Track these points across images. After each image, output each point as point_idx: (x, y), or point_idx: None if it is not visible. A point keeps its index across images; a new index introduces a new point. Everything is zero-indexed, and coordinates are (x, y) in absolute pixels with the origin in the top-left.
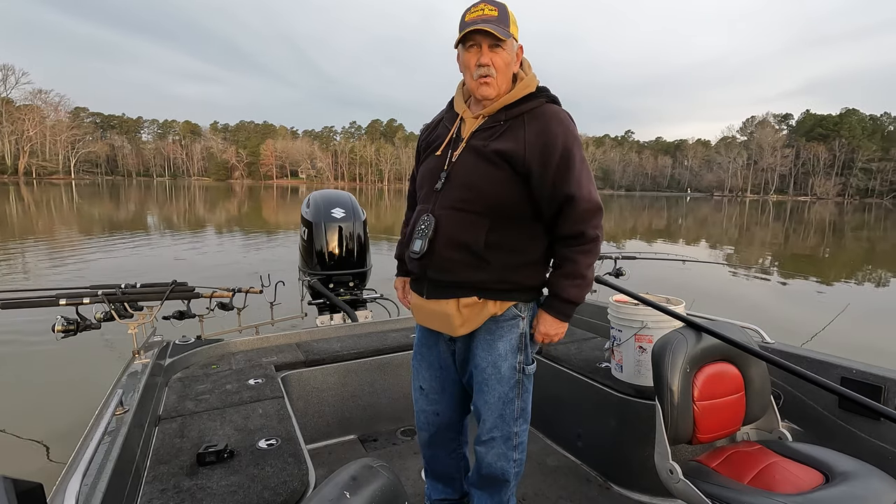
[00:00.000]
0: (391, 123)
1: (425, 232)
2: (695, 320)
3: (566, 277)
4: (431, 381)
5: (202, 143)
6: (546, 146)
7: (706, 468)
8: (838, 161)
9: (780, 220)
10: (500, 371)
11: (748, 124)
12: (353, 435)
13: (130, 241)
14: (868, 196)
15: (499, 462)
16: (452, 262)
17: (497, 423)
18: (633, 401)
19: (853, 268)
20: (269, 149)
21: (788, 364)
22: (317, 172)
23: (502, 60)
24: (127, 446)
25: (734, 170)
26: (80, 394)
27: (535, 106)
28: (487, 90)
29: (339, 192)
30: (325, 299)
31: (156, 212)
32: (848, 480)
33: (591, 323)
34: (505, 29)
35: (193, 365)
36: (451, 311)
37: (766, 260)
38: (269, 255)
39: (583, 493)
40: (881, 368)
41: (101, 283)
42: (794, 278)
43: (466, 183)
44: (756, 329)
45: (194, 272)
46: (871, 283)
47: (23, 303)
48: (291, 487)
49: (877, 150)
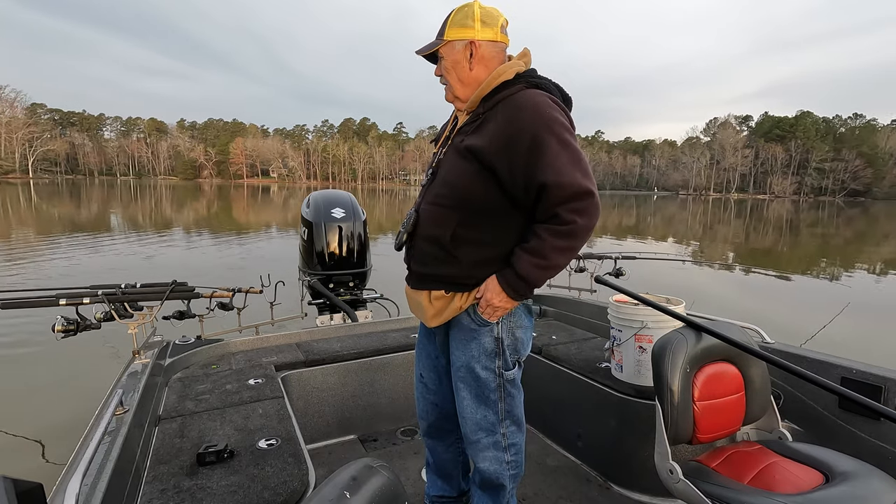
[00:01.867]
0: (364, 122)
1: (406, 225)
2: (695, 320)
3: (526, 252)
4: (429, 370)
5: (169, 142)
6: (511, 138)
7: (706, 468)
8: (794, 161)
9: (742, 217)
10: (474, 372)
11: (711, 125)
12: (353, 435)
13: (94, 242)
14: (821, 194)
15: (492, 466)
16: (426, 255)
17: (480, 423)
18: (633, 401)
19: (810, 263)
20: (238, 147)
21: (788, 364)
22: (289, 172)
23: (445, 66)
24: (127, 446)
25: (698, 169)
26: (80, 394)
27: (513, 93)
28: (447, 94)
29: (339, 192)
30: (325, 299)
31: (120, 211)
32: (848, 480)
33: (591, 323)
34: (438, 38)
35: (193, 365)
36: (424, 301)
37: (727, 256)
38: (242, 252)
39: (583, 493)
40: (881, 368)
41: (101, 283)
42: (753, 272)
43: (444, 179)
44: (756, 329)
45: (171, 273)
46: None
47: (23, 303)
48: (291, 487)
49: (829, 150)
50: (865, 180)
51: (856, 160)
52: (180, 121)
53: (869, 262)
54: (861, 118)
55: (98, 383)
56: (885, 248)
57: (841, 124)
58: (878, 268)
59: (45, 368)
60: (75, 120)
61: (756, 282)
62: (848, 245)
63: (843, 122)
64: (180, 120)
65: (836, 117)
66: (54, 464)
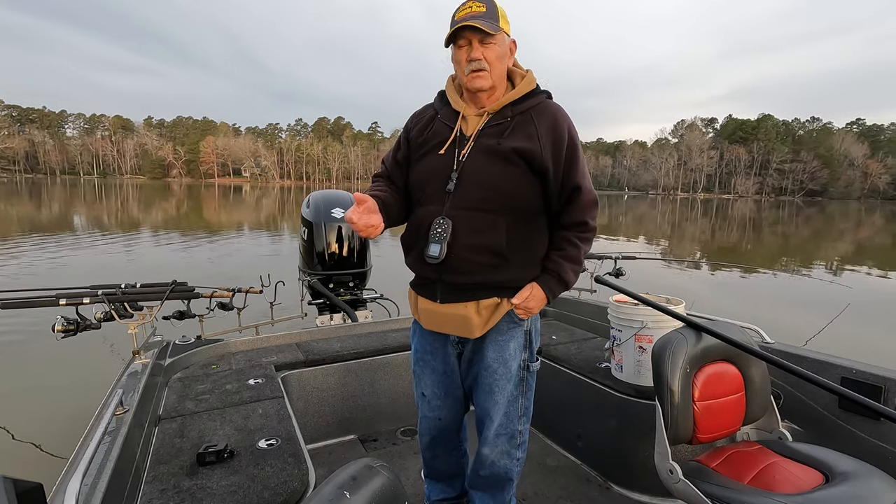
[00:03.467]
0: (339, 121)
1: (443, 236)
2: (695, 320)
3: (568, 260)
4: (434, 387)
5: (135, 140)
6: (557, 141)
7: (706, 468)
8: (756, 162)
9: (708, 216)
10: (510, 370)
11: (679, 127)
12: (353, 435)
13: (56, 243)
14: (782, 194)
15: (502, 461)
16: (472, 264)
17: (503, 421)
18: (633, 401)
19: (772, 260)
20: (209, 146)
21: (788, 364)
22: (261, 171)
23: (493, 54)
24: (127, 446)
25: (666, 170)
26: (80, 394)
27: (539, 102)
28: (481, 81)
29: (339, 192)
30: (325, 299)
31: (84, 211)
32: (848, 480)
33: (591, 323)
34: (494, 23)
35: (193, 365)
36: (470, 313)
37: (695, 254)
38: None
39: (583, 493)
40: (881, 368)
41: (101, 283)
42: (754, 272)
43: (483, 182)
44: (756, 329)
45: (134, 276)
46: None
47: (23, 303)
48: (291, 487)
49: (788, 152)
50: (822, 181)
51: (813, 161)
52: (148, 118)
53: (826, 260)
54: (818, 121)
55: (98, 383)
56: (841, 245)
57: (799, 127)
58: (879, 268)
59: (45, 368)
60: (35, 116)
61: (756, 281)
62: (806, 243)
63: (802, 125)
64: (148, 118)
65: (795, 120)
66: (54, 464)
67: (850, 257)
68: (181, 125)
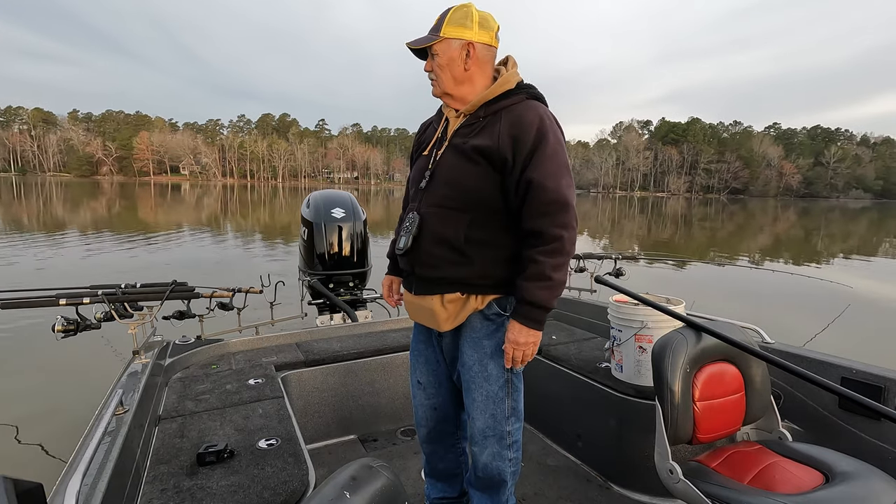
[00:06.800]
0: (284, 118)
1: (409, 229)
2: (695, 320)
3: (529, 279)
4: (428, 375)
5: (59, 134)
6: (518, 136)
7: (706, 468)
8: (686, 162)
9: (644, 213)
10: (487, 369)
11: (618, 128)
12: (353, 435)
13: None
14: (709, 192)
15: (494, 462)
16: (436, 258)
17: (489, 422)
18: (633, 401)
19: (702, 254)
20: (143, 142)
21: (788, 364)
22: (202, 168)
23: (439, 63)
24: (127, 446)
25: (606, 169)
26: (80, 394)
27: (515, 102)
28: (434, 90)
29: (339, 192)
30: (325, 299)
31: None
32: (848, 480)
33: (591, 323)
34: (433, 34)
35: (193, 365)
36: (436, 306)
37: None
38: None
39: (583, 493)
40: (881, 368)
41: (101, 283)
42: (754, 271)
43: (448, 180)
44: (756, 329)
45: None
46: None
47: (23, 303)
48: (291, 487)
49: (714, 153)
50: (744, 180)
51: (736, 162)
52: (73, 112)
53: (749, 252)
54: (740, 125)
55: (98, 383)
56: (761, 238)
57: (724, 130)
58: (879, 268)
59: (46, 368)
60: None
61: (756, 281)
62: (732, 237)
63: (726, 128)
64: (73, 111)
65: (720, 124)
66: (54, 464)
67: (768, 250)
68: (111, 119)
